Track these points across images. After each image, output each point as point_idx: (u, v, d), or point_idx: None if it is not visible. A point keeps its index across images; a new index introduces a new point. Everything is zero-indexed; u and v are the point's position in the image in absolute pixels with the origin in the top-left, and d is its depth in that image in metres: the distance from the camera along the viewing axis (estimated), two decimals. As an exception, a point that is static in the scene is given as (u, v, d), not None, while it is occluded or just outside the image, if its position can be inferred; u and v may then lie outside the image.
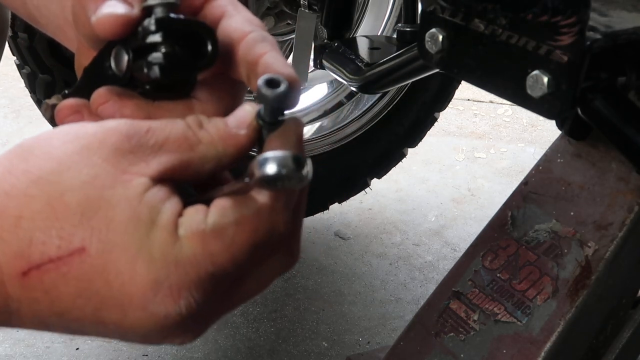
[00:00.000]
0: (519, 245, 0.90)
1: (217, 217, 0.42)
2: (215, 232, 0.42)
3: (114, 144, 0.42)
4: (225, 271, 0.42)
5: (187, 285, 0.41)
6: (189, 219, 0.42)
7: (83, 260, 0.41)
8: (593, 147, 0.91)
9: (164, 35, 0.46)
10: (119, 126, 0.43)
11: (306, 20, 1.40)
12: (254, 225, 0.42)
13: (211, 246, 0.41)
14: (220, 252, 0.42)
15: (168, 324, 0.42)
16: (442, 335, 0.90)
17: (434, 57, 0.75)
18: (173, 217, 0.42)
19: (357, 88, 1.29)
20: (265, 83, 0.43)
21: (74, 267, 0.41)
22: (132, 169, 0.42)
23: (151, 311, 0.41)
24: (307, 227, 1.96)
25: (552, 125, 1.10)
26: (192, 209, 0.43)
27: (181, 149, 0.43)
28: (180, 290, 0.41)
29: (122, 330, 0.43)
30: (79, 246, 0.41)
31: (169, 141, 0.43)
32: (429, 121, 1.82)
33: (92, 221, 0.41)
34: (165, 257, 0.41)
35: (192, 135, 0.44)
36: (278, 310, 1.69)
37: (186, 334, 0.44)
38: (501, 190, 2.17)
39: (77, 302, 0.42)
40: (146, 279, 0.41)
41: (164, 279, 0.41)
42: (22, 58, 1.58)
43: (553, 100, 0.65)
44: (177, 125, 0.44)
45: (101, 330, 0.43)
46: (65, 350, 1.55)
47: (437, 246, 1.93)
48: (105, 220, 0.41)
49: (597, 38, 0.63)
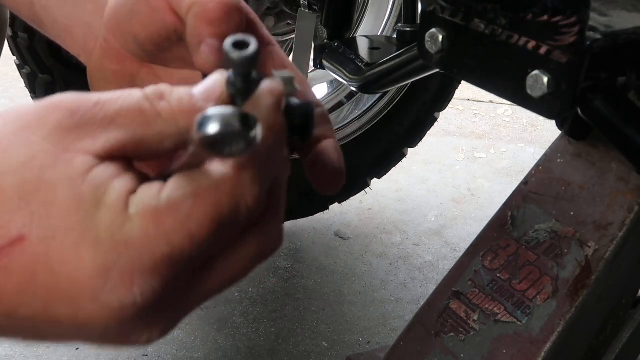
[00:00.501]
0: (519, 245, 0.90)
1: (171, 190, 0.37)
2: (170, 207, 0.37)
3: (56, 121, 0.38)
4: (184, 252, 0.37)
5: (140, 270, 0.37)
6: (140, 195, 0.37)
7: (24, 250, 0.36)
8: (593, 147, 0.91)
9: None
10: (62, 101, 0.38)
11: (306, 20, 1.40)
12: (213, 198, 0.37)
13: (165, 223, 0.37)
14: (176, 230, 0.37)
15: (125, 316, 0.37)
16: (442, 335, 0.90)
17: (434, 57, 0.75)
18: (122, 195, 0.37)
19: (357, 88, 1.29)
20: (233, 45, 0.38)
21: (14, 258, 0.36)
22: (75, 146, 0.37)
23: (103, 302, 0.37)
24: (307, 227, 1.97)
25: (552, 125, 1.10)
26: (146, 186, 0.38)
27: (134, 123, 0.38)
28: (132, 275, 0.37)
29: (78, 327, 0.38)
30: (18, 234, 0.36)
31: (121, 115, 0.38)
32: (429, 121, 1.82)
33: (30, 205, 0.36)
34: (113, 239, 0.36)
35: (148, 108, 0.39)
36: (278, 310, 1.69)
37: (151, 329, 0.40)
38: (501, 190, 2.17)
39: (23, 298, 0.37)
40: (93, 265, 0.36)
41: (113, 264, 0.36)
42: (22, 58, 1.58)
43: (553, 100, 0.64)
44: (132, 97, 0.39)
45: (58, 330, 0.39)
46: (65, 350, 1.55)
47: (437, 246, 1.93)
48: (45, 204, 0.36)
49: (597, 38, 0.63)
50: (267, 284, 1.78)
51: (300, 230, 1.96)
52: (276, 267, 1.83)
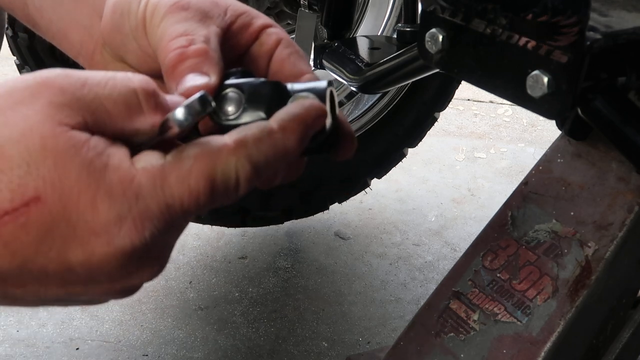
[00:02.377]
0: (519, 245, 0.90)
1: (176, 152, 0.44)
2: (173, 165, 0.43)
3: (47, 97, 0.42)
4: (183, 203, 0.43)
5: (149, 217, 0.43)
6: (146, 157, 0.44)
7: (41, 208, 0.41)
8: (593, 147, 0.91)
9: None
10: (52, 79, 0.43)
11: (306, 20, 1.40)
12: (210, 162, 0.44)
13: (170, 178, 0.43)
14: (178, 183, 0.43)
15: (135, 255, 0.43)
16: (442, 335, 0.90)
17: (434, 57, 0.75)
18: (125, 157, 0.43)
19: (357, 88, 1.29)
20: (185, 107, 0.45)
21: (32, 216, 0.41)
22: (67, 120, 0.42)
23: (117, 245, 0.42)
24: (307, 227, 1.96)
25: (552, 125, 1.10)
26: (147, 151, 0.44)
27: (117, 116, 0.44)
28: (143, 221, 0.42)
29: (90, 270, 0.43)
30: (33, 195, 0.41)
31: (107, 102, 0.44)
32: (429, 121, 1.82)
33: (40, 170, 0.41)
34: (124, 193, 0.42)
35: (135, 104, 0.44)
36: (278, 310, 1.69)
37: (153, 265, 0.45)
38: (501, 190, 2.17)
39: (41, 248, 0.42)
40: (109, 215, 0.42)
41: (127, 213, 0.42)
42: (22, 58, 1.58)
43: (553, 100, 0.64)
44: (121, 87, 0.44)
45: (67, 277, 0.43)
46: (65, 350, 1.55)
47: (437, 246, 1.93)
48: (55, 169, 0.41)
49: (597, 38, 0.63)
50: (267, 284, 1.78)
51: (300, 230, 1.96)
52: (276, 267, 1.83)
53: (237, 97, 0.48)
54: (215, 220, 1.78)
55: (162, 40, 0.51)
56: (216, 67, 0.50)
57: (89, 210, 0.41)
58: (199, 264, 1.83)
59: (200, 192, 0.43)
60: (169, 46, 0.51)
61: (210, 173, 0.44)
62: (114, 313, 1.65)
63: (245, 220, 1.78)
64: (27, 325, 1.60)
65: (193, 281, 1.77)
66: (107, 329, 1.61)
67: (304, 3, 1.40)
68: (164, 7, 0.52)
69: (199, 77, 0.49)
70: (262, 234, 1.94)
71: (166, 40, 0.51)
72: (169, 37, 0.51)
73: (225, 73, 0.50)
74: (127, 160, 0.43)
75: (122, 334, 1.61)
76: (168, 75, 0.50)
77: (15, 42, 1.56)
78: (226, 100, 0.48)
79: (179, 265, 1.81)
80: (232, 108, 0.48)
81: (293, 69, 0.55)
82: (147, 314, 1.66)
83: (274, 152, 0.45)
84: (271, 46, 0.56)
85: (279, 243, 1.92)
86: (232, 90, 0.48)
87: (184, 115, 0.44)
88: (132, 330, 1.62)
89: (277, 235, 1.94)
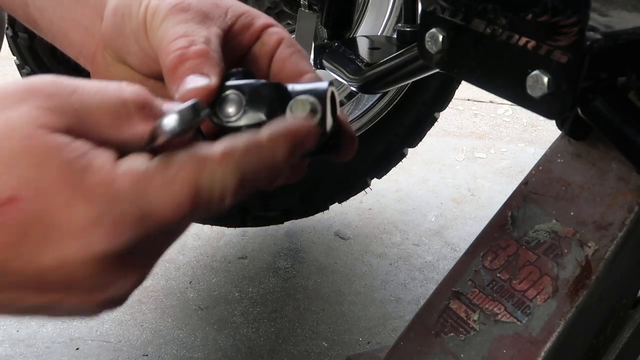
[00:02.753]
0: (519, 245, 0.90)
1: (161, 157, 0.42)
2: (158, 170, 0.42)
3: (33, 103, 0.41)
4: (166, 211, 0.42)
5: (129, 221, 0.41)
6: (131, 160, 0.42)
7: (17, 208, 0.40)
8: (593, 147, 0.91)
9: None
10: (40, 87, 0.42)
11: (306, 20, 1.40)
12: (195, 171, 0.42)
13: (153, 183, 0.41)
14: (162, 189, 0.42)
15: (112, 262, 0.41)
16: (442, 335, 0.90)
17: (434, 57, 0.75)
18: (109, 159, 0.42)
19: (357, 88, 1.29)
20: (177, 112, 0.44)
21: (9, 216, 0.40)
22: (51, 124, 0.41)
23: (91, 250, 0.41)
24: (307, 227, 1.97)
25: (552, 125, 1.10)
26: (134, 154, 0.43)
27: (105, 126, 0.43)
28: (120, 226, 0.41)
29: (65, 276, 0.41)
30: (10, 195, 0.40)
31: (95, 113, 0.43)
32: (429, 121, 1.82)
33: (17, 170, 0.40)
34: (104, 195, 0.40)
35: (124, 116, 0.44)
36: (278, 310, 1.69)
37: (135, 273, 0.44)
38: (501, 190, 2.17)
39: (18, 250, 0.40)
40: (86, 217, 0.40)
41: (105, 216, 0.40)
42: (22, 58, 1.58)
43: (553, 100, 0.64)
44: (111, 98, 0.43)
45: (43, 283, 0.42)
46: (65, 350, 1.55)
47: (437, 246, 1.93)
48: (33, 169, 0.40)
49: (597, 38, 0.63)
50: (267, 284, 1.78)
51: (300, 230, 1.96)
52: (276, 267, 1.83)
53: (237, 99, 0.48)
54: (215, 220, 1.78)
55: (163, 41, 0.51)
56: (217, 68, 0.49)
57: (65, 212, 0.40)
58: (199, 264, 1.83)
59: (182, 200, 0.42)
60: (169, 48, 0.50)
61: (195, 181, 0.42)
62: (114, 313, 1.65)
63: (245, 220, 1.78)
64: (27, 325, 1.60)
65: (193, 281, 1.77)
66: (107, 329, 1.61)
67: (304, 3, 1.40)
68: (165, 9, 0.52)
69: (199, 79, 0.48)
70: (262, 234, 1.94)
71: (167, 42, 0.51)
72: (169, 39, 0.51)
73: (227, 74, 0.50)
74: (110, 163, 0.42)
75: (122, 333, 1.61)
76: (169, 77, 0.50)
77: (16, 42, 1.56)
78: (227, 102, 0.48)
79: (179, 265, 1.81)
80: (233, 110, 0.48)
81: (295, 69, 0.55)
82: (147, 314, 1.66)
83: (260, 164, 0.45)
84: (272, 46, 0.55)
85: (279, 243, 1.92)
86: (233, 92, 0.48)
87: (172, 123, 0.43)
88: (132, 330, 1.62)
89: (277, 235, 1.94)
